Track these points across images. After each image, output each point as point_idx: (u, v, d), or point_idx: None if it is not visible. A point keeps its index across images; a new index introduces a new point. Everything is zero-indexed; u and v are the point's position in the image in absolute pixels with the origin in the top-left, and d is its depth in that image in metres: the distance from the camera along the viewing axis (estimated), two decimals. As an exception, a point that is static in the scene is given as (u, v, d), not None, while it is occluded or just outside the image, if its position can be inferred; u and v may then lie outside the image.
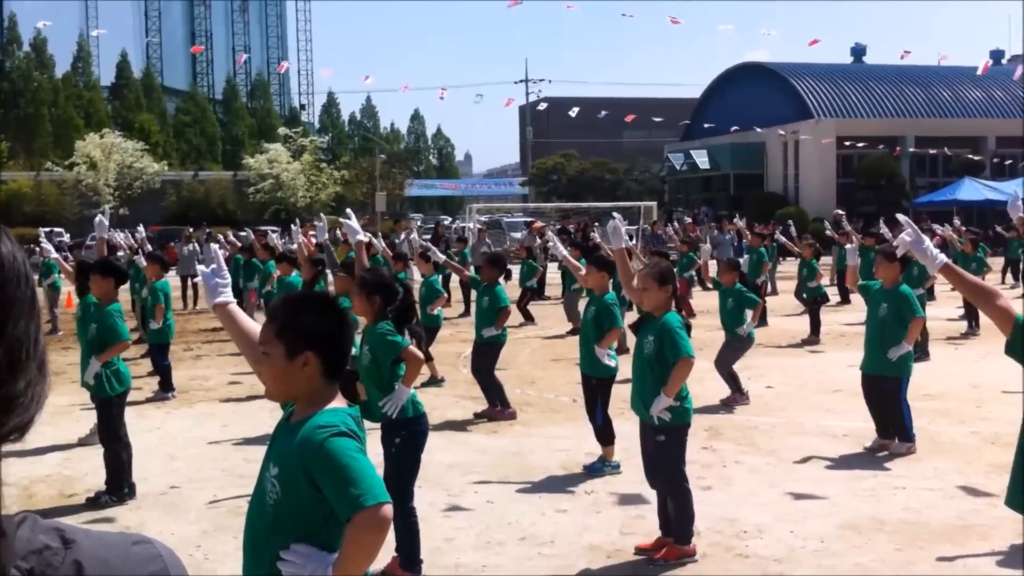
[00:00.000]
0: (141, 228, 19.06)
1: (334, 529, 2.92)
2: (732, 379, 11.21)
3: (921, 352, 13.69)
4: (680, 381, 6.25)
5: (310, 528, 2.92)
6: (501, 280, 11.25)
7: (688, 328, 6.44)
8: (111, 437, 7.83)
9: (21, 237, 27.30)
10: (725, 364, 11.25)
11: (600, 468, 8.30)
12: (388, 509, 2.83)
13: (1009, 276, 26.44)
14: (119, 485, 7.72)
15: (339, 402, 3.06)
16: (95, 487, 7.90)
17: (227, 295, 3.66)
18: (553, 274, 24.33)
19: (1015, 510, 4.58)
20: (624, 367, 8.02)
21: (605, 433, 8.38)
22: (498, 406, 10.59)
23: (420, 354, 6.15)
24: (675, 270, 7.28)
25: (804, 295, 17.14)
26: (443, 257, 13.16)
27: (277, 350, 3.00)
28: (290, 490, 2.91)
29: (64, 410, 11.18)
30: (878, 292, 9.15)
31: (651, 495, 6.69)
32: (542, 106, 48.93)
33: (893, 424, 8.89)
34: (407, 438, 5.95)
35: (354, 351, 5.96)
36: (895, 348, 8.76)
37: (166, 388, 12.06)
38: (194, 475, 8.29)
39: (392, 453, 5.92)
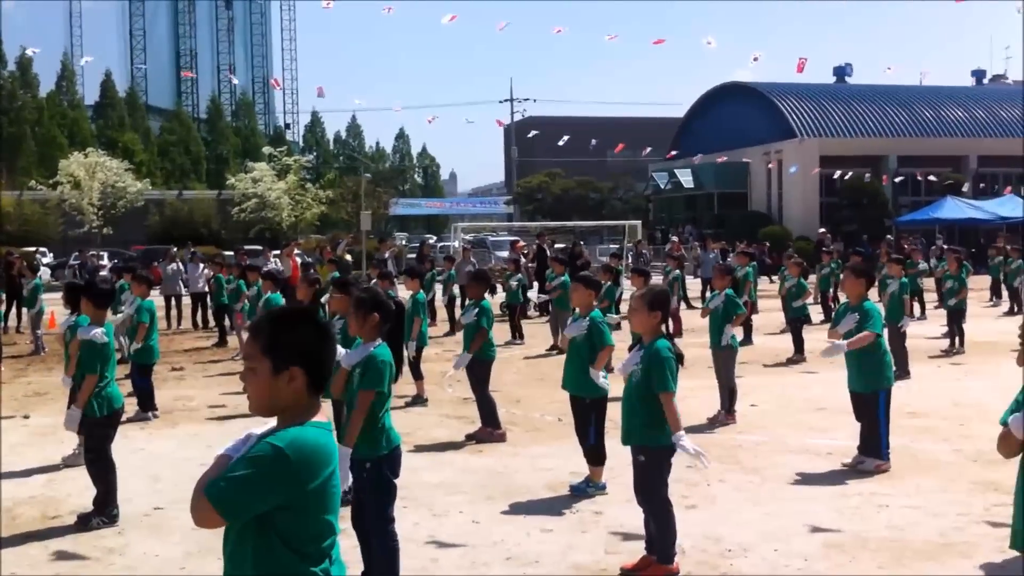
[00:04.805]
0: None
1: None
2: (731, 395, 11.22)
3: (901, 371, 13.78)
4: (674, 413, 6.23)
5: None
6: (487, 296, 11.27)
7: (680, 359, 6.42)
8: (96, 458, 7.78)
9: (9, 252, 27.22)
10: (726, 380, 11.27)
11: (585, 489, 8.27)
12: (206, 505, 2.86)
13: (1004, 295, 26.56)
14: (107, 505, 7.66)
15: (321, 416, 3.06)
16: (79, 508, 7.86)
17: None
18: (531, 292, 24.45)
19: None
20: (614, 387, 7.99)
21: (596, 453, 8.30)
22: (489, 428, 10.55)
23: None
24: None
25: (788, 314, 17.20)
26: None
27: (263, 366, 3.00)
28: None
29: (47, 431, 11.13)
30: (846, 308, 9.30)
31: (636, 514, 6.69)
32: (532, 133, 49.10)
33: (869, 438, 8.94)
34: (376, 467, 5.86)
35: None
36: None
37: (145, 408, 11.99)
38: (178, 496, 8.23)
39: (363, 479, 5.82)
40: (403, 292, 13.83)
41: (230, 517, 2.90)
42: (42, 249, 46.26)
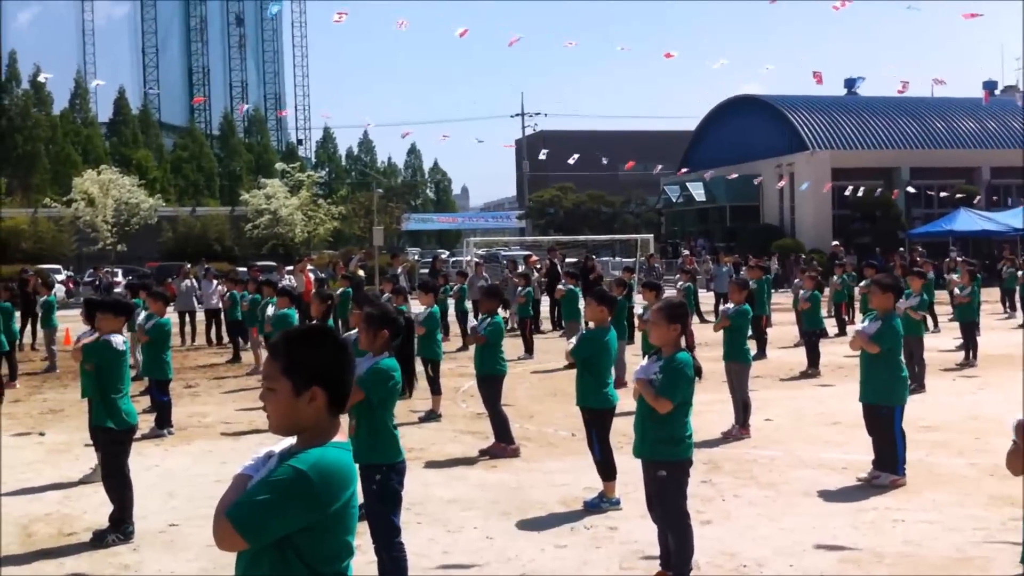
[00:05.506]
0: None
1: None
2: (745, 409, 11.22)
3: (917, 384, 13.73)
4: (653, 401, 6.23)
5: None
6: (501, 311, 11.32)
7: (698, 372, 6.38)
8: (113, 474, 7.81)
9: (24, 270, 27.42)
10: (740, 394, 11.28)
11: (598, 504, 8.25)
12: (228, 528, 2.85)
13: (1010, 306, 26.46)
14: (123, 521, 7.69)
15: (341, 436, 3.06)
16: (94, 525, 7.88)
17: None
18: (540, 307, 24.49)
19: None
20: (627, 401, 7.97)
21: (606, 468, 8.30)
22: (503, 443, 10.53)
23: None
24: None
25: (803, 327, 17.17)
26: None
27: (283, 386, 2.99)
28: None
29: (63, 448, 11.16)
30: (875, 316, 9.26)
31: (651, 530, 6.67)
32: (543, 153, 49.18)
33: (885, 454, 8.90)
34: (385, 476, 5.94)
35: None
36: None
37: (162, 424, 12.02)
38: (193, 513, 8.26)
39: (372, 490, 5.92)
40: (416, 307, 13.85)
41: (253, 540, 2.88)
42: (55, 267, 46.41)
